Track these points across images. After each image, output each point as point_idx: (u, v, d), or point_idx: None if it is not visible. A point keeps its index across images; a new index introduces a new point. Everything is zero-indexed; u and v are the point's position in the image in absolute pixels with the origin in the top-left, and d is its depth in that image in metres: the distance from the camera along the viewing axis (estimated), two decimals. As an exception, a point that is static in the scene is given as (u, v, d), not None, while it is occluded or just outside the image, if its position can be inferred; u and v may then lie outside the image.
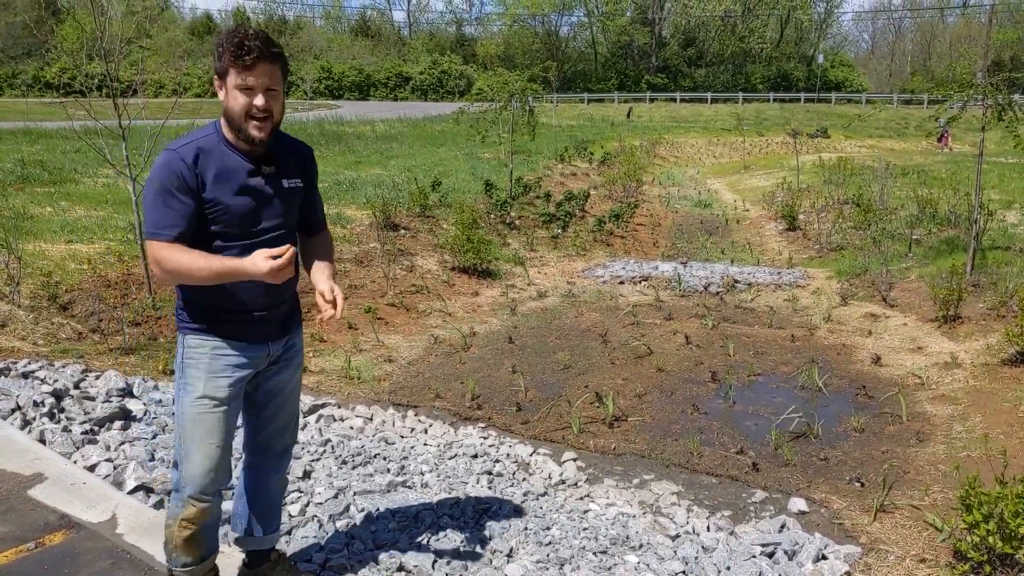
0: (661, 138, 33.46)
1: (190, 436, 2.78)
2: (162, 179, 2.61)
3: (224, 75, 2.63)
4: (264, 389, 2.99)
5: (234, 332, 2.80)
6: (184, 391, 2.79)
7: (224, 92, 2.66)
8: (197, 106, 29.20)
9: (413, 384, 6.45)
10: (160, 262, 2.62)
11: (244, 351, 2.82)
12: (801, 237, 13.74)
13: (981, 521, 3.56)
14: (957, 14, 75.76)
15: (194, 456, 2.78)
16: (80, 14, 10.49)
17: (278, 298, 2.87)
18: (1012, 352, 6.64)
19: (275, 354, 2.95)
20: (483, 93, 18.31)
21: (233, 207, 2.68)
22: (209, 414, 2.78)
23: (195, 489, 2.79)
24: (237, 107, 2.62)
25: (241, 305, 2.77)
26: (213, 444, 2.79)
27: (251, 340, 2.83)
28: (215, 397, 2.78)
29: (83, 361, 5.83)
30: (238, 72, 2.59)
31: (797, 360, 7.13)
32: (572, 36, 74.29)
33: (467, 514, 4.11)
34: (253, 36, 2.59)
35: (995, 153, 23.28)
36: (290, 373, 3.06)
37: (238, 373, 2.82)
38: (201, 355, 2.77)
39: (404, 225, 10.91)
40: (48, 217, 9.40)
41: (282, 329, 2.95)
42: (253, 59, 2.58)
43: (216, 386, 2.78)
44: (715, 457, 5.21)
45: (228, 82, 2.63)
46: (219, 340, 2.78)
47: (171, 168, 2.61)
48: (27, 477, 3.95)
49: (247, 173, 2.72)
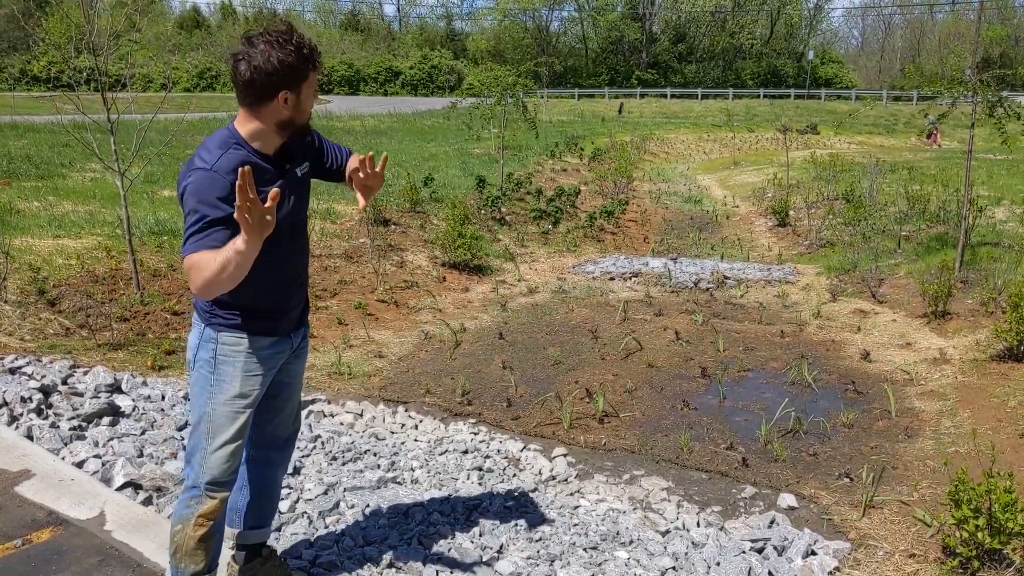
0: (652, 134, 33.44)
1: (219, 432, 2.76)
2: (206, 199, 2.45)
3: (301, 80, 2.55)
4: (277, 380, 2.98)
5: (268, 328, 2.79)
6: (217, 388, 2.75)
7: (292, 101, 2.57)
8: (186, 100, 29.10)
9: (403, 380, 6.44)
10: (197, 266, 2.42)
11: (275, 346, 2.82)
12: (791, 233, 13.77)
13: (970, 516, 3.57)
14: (946, 11, 76.03)
15: (221, 451, 2.77)
16: (68, 7, 10.40)
17: (303, 288, 2.89)
18: (1001, 348, 6.67)
19: (295, 344, 2.96)
20: (473, 88, 18.30)
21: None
22: (242, 412, 2.78)
23: (215, 479, 2.78)
24: (308, 107, 2.63)
25: (275, 302, 2.77)
26: (239, 440, 2.80)
27: (282, 334, 2.84)
28: (249, 395, 2.78)
29: (71, 357, 5.80)
30: (313, 74, 2.58)
31: (787, 356, 7.15)
32: (563, 31, 74.29)
33: (457, 510, 4.10)
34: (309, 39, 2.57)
35: (984, 150, 23.37)
36: (301, 362, 3.08)
37: (271, 370, 2.83)
38: (237, 353, 2.74)
39: (394, 221, 10.89)
40: (35, 212, 9.33)
41: (302, 317, 2.96)
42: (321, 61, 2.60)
43: (251, 384, 2.78)
44: (705, 453, 5.22)
45: (304, 86, 2.57)
46: (254, 337, 2.76)
47: (212, 184, 2.47)
48: (14, 473, 3.92)
49: (274, 177, 2.67)
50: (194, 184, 2.48)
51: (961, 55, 48.81)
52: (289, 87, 2.53)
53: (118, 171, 7.05)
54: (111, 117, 6.96)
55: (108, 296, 6.90)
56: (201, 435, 2.79)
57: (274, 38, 2.50)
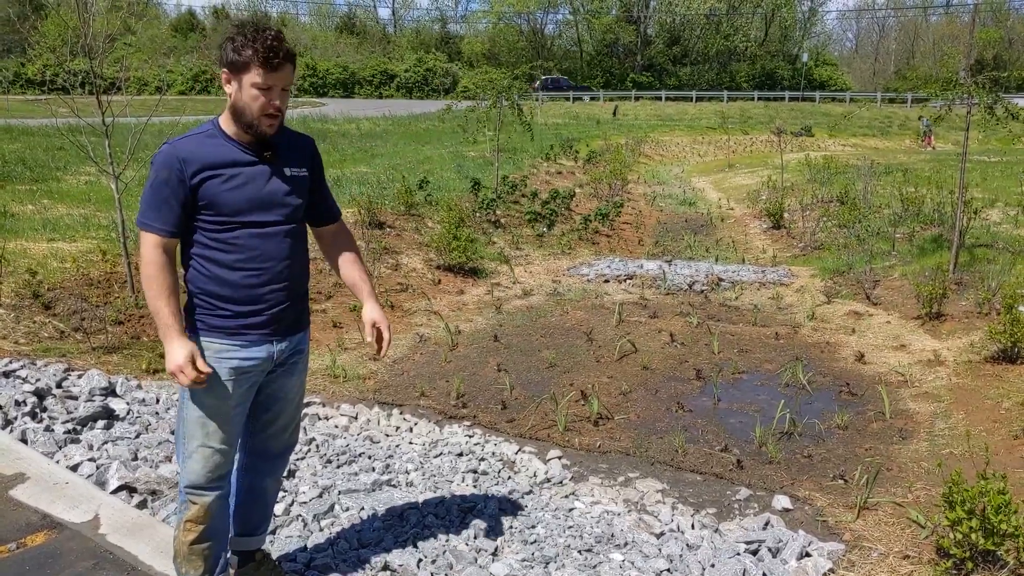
0: (646, 136, 33.50)
1: (190, 436, 2.79)
2: (159, 171, 2.63)
3: (242, 70, 2.61)
4: (266, 393, 2.96)
5: (238, 332, 2.77)
6: (188, 394, 2.78)
7: (236, 86, 2.64)
8: (180, 104, 29.07)
9: (398, 383, 6.44)
10: (144, 259, 2.65)
11: (247, 353, 2.79)
12: (785, 235, 13.80)
13: (964, 518, 3.58)
14: (940, 13, 76.33)
15: (195, 456, 2.78)
16: (63, 10, 10.40)
17: (288, 297, 2.85)
18: (995, 349, 6.69)
19: (281, 356, 2.91)
20: (469, 91, 18.30)
21: (231, 198, 2.67)
22: (211, 419, 2.77)
23: (193, 483, 2.79)
24: (255, 105, 2.62)
25: (246, 300, 2.75)
26: (214, 445, 2.79)
27: (255, 340, 2.80)
28: (217, 400, 2.77)
29: (65, 360, 5.79)
30: (263, 72, 2.59)
31: (781, 358, 7.16)
32: (558, 34, 74.44)
33: (452, 513, 4.10)
34: (280, 38, 2.59)
35: (978, 152, 23.47)
36: (295, 379, 3.03)
37: (241, 376, 2.80)
38: (206, 358, 2.74)
39: (389, 223, 10.88)
40: (30, 215, 9.31)
41: (290, 328, 2.91)
42: (279, 62, 2.58)
43: (220, 391, 2.76)
44: (700, 455, 5.23)
45: (245, 79, 2.61)
46: (222, 342, 2.76)
47: (167, 161, 2.62)
48: (9, 477, 3.92)
49: (246, 163, 2.71)
50: (156, 156, 2.68)
51: (955, 57, 48.98)
52: (234, 70, 2.63)
53: (113, 174, 7.04)
54: (106, 120, 6.95)
55: (103, 299, 6.89)
56: (179, 440, 2.83)
57: (241, 30, 2.63)
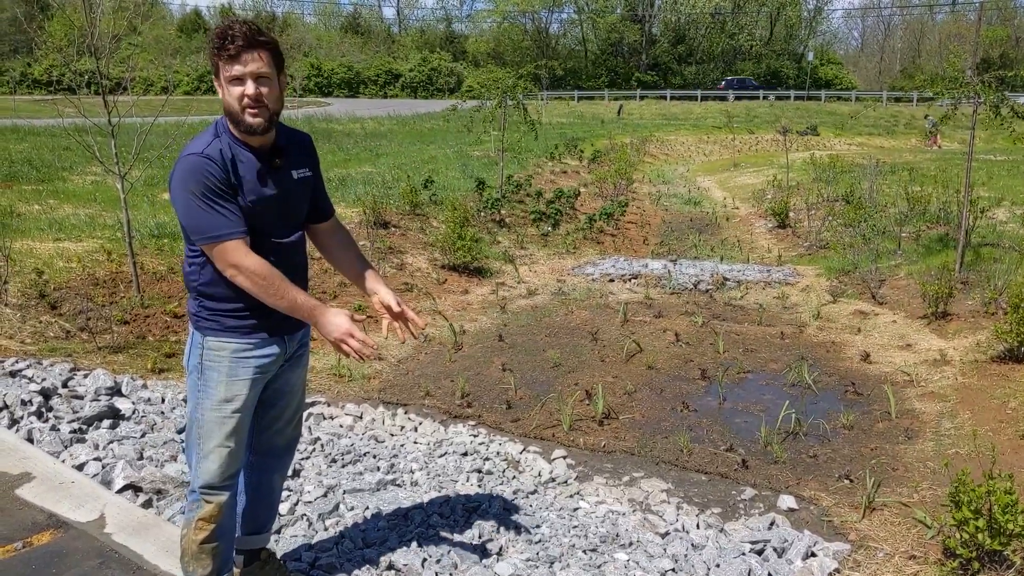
0: (651, 136, 33.45)
1: (207, 437, 2.78)
2: (199, 182, 2.58)
3: (216, 71, 2.63)
4: (273, 388, 2.97)
5: (251, 327, 2.77)
6: (204, 394, 2.77)
7: (222, 89, 2.65)
8: (186, 104, 29.13)
9: (403, 382, 6.44)
10: (244, 269, 2.60)
11: (263, 351, 2.81)
12: (791, 235, 13.77)
13: (970, 518, 3.57)
14: (946, 12, 76.14)
15: (212, 456, 2.78)
16: (70, 10, 10.44)
17: None
18: (1001, 349, 6.67)
19: (290, 351, 2.94)
20: (473, 91, 18.29)
21: (253, 208, 2.67)
22: (230, 418, 2.78)
23: (209, 483, 2.80)
24: (232, 100, 2.61)
25: (260, 303, 2.73)
26: (231, 445, 2.80)
27: (269, 339, 2.81)
28: (234, 400, 2.77)
29: (71, 360, 5.80)
30: (224, 64, 2.59)
31: (786, 357, 7.15)
32: (562, 33, 74.39)
33: (457, 512, 4.10)
34: (237, 25, 2.58)
35: (984, 151, 23.38)
36: (300, 371, 3.06)
37: (258, 374, 2.81)
38: (222, 358, 2.75)
39: (394, 223, 10.89)
40: (36, 215, 9.34)
41: (298, 322, 2.91)
42: (237, 48, 2.56)
43: (237, 389, 2.77)
44: (705, 454, 5.22)
45: (221, 77, 2.62)
46: (239, 342, 2.76)
47: (204, 169, 2.58)
48: (15, 476, 3.93)
49: (261, 170, 2.71)
50: (180, 172, 2.63)
51: (961, 56, 48.84)
52: (215, 74, 2.66)
53: (119, 174, 7.05)
54: (112, 120, 6.97)
55: (108, 299, 6.91)
56: (193, 440, 2.82)
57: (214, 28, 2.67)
